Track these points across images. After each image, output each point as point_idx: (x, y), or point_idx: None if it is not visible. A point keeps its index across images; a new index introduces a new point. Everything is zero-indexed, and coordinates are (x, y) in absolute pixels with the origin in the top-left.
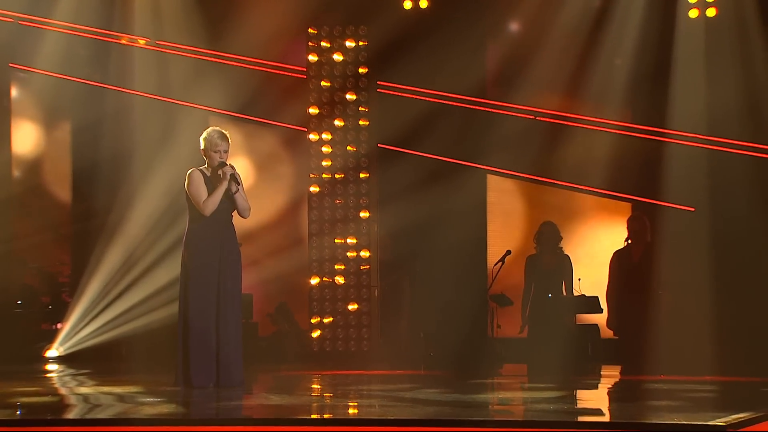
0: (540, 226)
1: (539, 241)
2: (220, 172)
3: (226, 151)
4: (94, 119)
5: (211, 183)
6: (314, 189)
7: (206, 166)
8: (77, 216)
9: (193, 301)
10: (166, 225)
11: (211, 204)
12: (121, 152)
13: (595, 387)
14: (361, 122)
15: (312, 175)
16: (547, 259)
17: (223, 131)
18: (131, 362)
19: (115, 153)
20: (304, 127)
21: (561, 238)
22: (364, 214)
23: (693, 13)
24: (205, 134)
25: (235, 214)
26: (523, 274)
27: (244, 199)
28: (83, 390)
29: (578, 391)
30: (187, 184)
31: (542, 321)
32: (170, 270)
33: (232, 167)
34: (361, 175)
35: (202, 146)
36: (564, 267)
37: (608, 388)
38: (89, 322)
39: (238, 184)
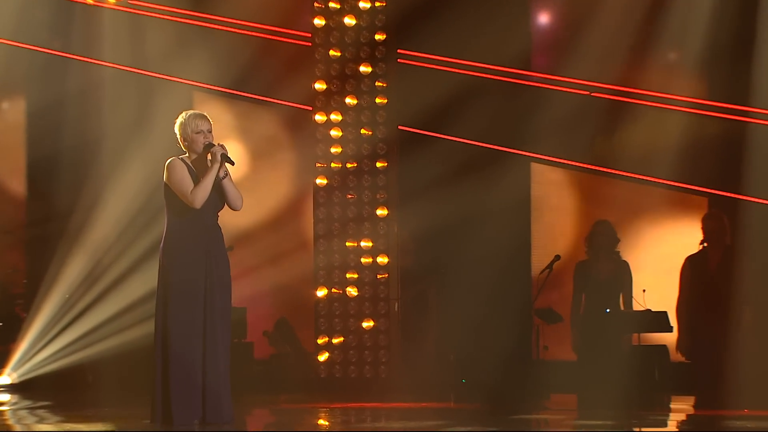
0: (593, 225)
1: (592, 243)
2: (208, 155)
3: (210, 131)
4: (54, 98)
5: (196, 172)
6: (321, 181)
7: (187, 154)
8: (33, 216)
9: (173, 319)
10: (141, 227)
11: (201, 193)
12: (87, 139)
13: (663, 424)
14: (377, 100)
15: (318, 165)
16: (602, 265)
17: (201, 112)
18: (99, 392)
19: (80, 140)
20: (309, 106)
21: (618, 241)
22: (381, 212)
23: None
24: (180, 119)
25: (222, 211)
26: (572, 284)
27: (235, 187)
28: (42, 428)
29: (642, 428)
30: (168, 175)
31: (597, 341)
32: (146, 281)
33: (222, 146)
34: (378, 165)
35: (178, 134)
36: (622, 275)
37: (679, 425)
38: (48, 343)
39: (232, 163)
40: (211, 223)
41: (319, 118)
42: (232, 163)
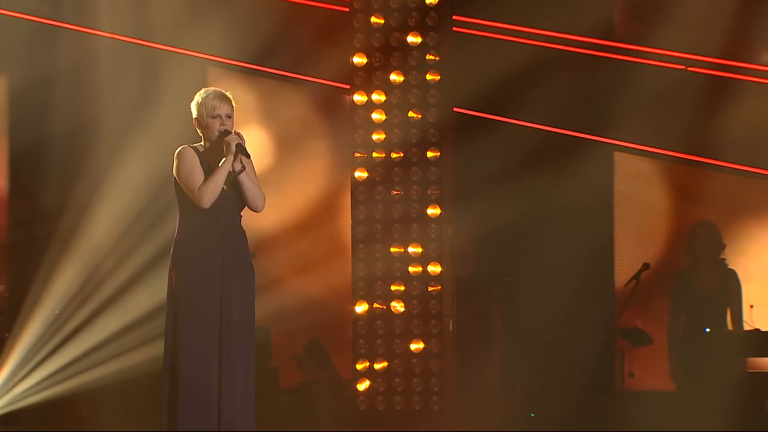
0: (692, 227)
1: (692, 249)
2: (223, 144)
3: (230, 116)
4: (41, 75)
5: (210, 165)
6: (360, 175)
7: (202, 142)
8: (16, 216)
9: (185, 339)
10: (146, 228)
11: (210, 190)
12: (81, 123)
13: None
14: (428, 77)
15: (357, 155)
16: (704, 275)
17: (223, 91)
18: (96, 426)
19: (72, 124)
20: (346, 84)
21: (724, 246)
22: (433, 211)
23: None
24: (197, 97)
25: (244, 211)
26: (668, 298)
27: (255, 184)
28: None
29: None
30: (176, 167)
31: (696, 366)
32: (152, 293)
33: (239, 135)
34: (429, 154)
35: (194, 114)
36: (729, 288)
37: None
38: (35, 369)
39: (247, 156)
40: (232, 223)
41: (359, 98)
42: (248, 156)
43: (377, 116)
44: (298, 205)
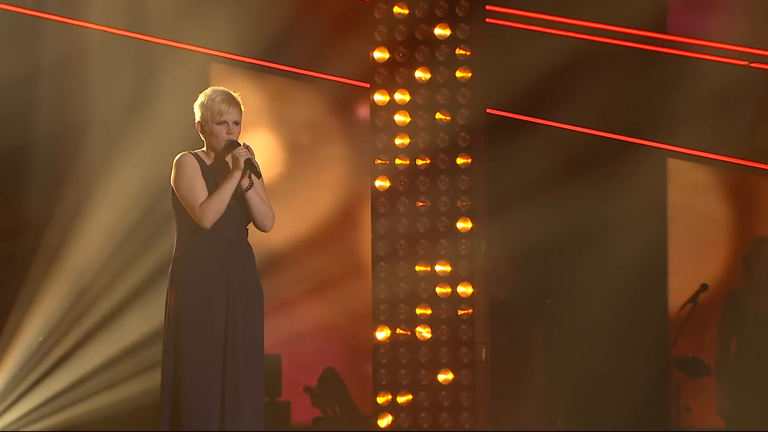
0: (751, 244)
1: (751, 268)
2: (228, 157)
3: (238, 123)
4: (24, 72)
5: (213, 176)
6: (382, 184)
7: (205, 148)
8: None
9: (186, 369)
10: (141, 246)
11: (213, 209)
12: (68, 126)
13: None
14: (458, 74)
15: (378, 162)
16: (762, 299)
17: (231, 92)
18: None
19: (58, 128)
20: (366, 82)
21: None
22: (463, 225)
23: None
24: (201, 98)
25: (250, 226)
26: (718, 322)
27: (263, 201)
28: None
29: None
30: (175, 178)
31: (754, 402)
32: (147, 317)
33: (248, 148)
34: (460, 161)
35: (197, 117)
36: None
37: None
38: (16, 402)
39: (258, 176)
40: (238, 238)
41: (380, 98)
42: (259, 176)
43: (401, 118)
44: (312, 219)
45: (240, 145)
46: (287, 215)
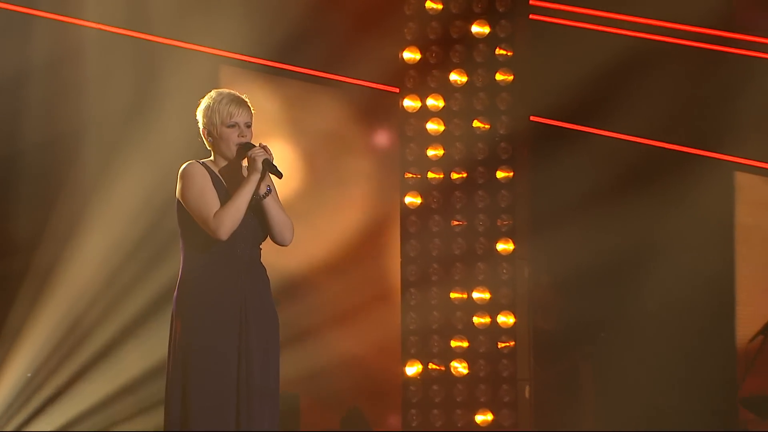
0: None
1: None
2: (245, 160)
3: (249, 126)
4: (12, 73)
5: (225, 185)
6: (412, 201)
7: (212, 157)
8: None
9: (193, 408)
10: (142, 268)
11: (230, 218)
12: (61, 134)
13: None
14: (499, 77)
15: (408, 176)
16: None
17: (238, 94)
18: None
19: (49, 136)
20: (395, 87)
21: None
22: (504, 247)
23: None
24: (206, 102)
25: (264, 243)
26: None
27: (282, 209)
28: None
29: None
30: (182, 189)
31: None
32: (150, 348)
33: (265, 149)
34: (500, 175)
35: (201, 124)
36: None
37: None
38: None
39: (279, 175)
40: (251, 259)
41: (410, 104)
42: (280, 175)
43: (433, 127)
44: (333, 240)
45: (255, 146)
46: (306, 236)
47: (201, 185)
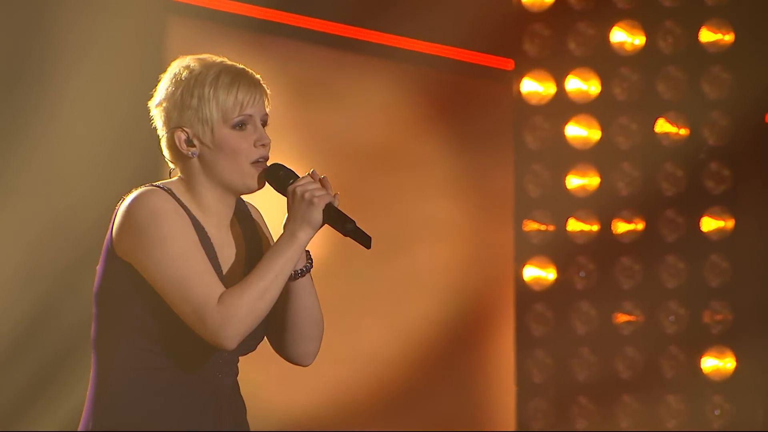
0: None
1: None
2: (289, 194)
3: (266, 124)
4: None
5: (212, 243)
6: (539, 273)
7: (184, 183)
8: None
9: None
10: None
11: (253, 310)
12: None
13: None
14: (706, 36)
15: (531, 226)
16: None
17: (244, 67)
18: None
19: None
20: (506, 58)
21: None
22: (717, 364)
23: None
24: (182, 76)
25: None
26: None
27: (316, 299)
28: None
29: None
30: (139, 239)
31: None
32: None
33: (323, 181)
34: (709, 225)
35: (168, 117)
36: None
37: None
38: None
39: (367, 244)
40: (232, 386)
41: (534, 87)
42: (368, 244)
43: (579, 131)
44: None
45: (294, 173)
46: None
47: (183, 237)
